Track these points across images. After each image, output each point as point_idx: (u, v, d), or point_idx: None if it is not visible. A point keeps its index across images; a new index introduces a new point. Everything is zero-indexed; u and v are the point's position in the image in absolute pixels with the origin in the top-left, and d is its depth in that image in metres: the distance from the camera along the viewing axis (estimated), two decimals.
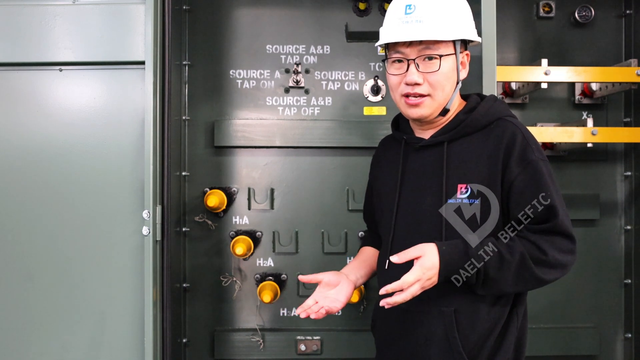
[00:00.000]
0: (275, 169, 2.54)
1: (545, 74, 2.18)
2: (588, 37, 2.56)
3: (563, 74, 2.22)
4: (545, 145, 2.48)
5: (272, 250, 2.51)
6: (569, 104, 2.56)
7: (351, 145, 2.49)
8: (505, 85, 2.49)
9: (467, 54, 1.67)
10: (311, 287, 2.47)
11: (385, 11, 2.46)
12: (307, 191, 2.54)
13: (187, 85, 2.52)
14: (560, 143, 2.39)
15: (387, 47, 1.66)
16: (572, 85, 2.53)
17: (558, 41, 2.55)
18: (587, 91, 2.49)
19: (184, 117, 2.51)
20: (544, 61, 2.20)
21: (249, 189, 2.50)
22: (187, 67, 2.51)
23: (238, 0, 2.54)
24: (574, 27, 2.56)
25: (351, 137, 2.49)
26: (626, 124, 2.55)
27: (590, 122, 2.24)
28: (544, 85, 2.21)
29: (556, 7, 2.53)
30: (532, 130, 1.76)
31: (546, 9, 2.53)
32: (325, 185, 2.53)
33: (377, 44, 1.71)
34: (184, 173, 2.50)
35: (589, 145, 2.26)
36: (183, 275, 2.49)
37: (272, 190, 2.51)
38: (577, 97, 2.53)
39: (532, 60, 2.47)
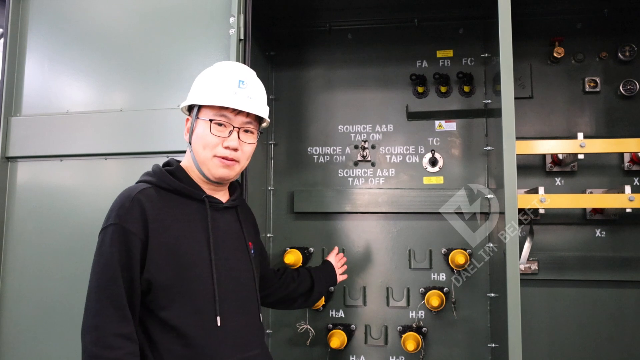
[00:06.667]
0: (345, 231, 2.92)
1: (580, 146, 2.37)
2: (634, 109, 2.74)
3: (597, 145, 2.40)
4: (596, 210, 2.65)
5: (343, 303, 2.88)
6: (619, 171, 2.72)
7: (413, 211, 2.82)
8: (554, 156, 2.71)
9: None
10: (377, 338, 2.78)
11: (442, 93, 2.84)
12: (374, 251, 2.89)
13: (272, 161, 3.01)
14: (608, 207, 2.56)
15: (201, 107, 1.78)
16: (620, 153, 2.70)
17: (605, 113, 2.76)
18: (635, 158, 2.65)
19: (269, 188, 2.99)
20: (580, 134, 2.39)
21: (323, 249, 2.90)
22: (272, 146, 3.01)
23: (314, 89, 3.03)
24: (620, 100, 2.76)
25: (413, 203, 2.83)
26: None
27: (628, 188, 2.37)
28: (581, 156, 2.40)
29: (602, 82, 2.75)
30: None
31: (592, 84, 2.75)
32: (390, 246, 2.87)
33: (202, 102, 1.76)
34: (268, 235, 2.95)
35: (628, 210, 2.39)
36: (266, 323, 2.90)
37: (343, 250, 2.89)
38: (626, 164, 2.69)
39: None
